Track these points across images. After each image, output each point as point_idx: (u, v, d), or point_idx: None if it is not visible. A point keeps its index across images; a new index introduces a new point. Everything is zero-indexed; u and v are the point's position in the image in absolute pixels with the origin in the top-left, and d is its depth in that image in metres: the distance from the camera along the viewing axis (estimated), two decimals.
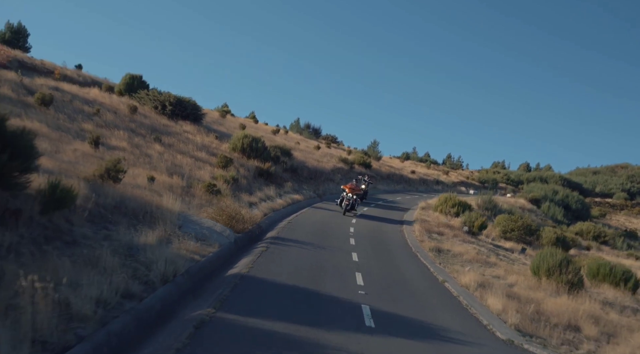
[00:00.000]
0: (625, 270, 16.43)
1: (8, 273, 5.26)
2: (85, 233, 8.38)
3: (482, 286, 11.23)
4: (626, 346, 8.84)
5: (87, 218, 9.06)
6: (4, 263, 5.60)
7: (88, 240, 7.94)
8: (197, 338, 5.42)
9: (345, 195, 21.53)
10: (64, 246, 7.33)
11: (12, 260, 5.79)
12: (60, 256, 6.46)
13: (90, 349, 4.75)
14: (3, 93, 19.72)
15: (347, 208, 21.17)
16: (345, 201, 21.33)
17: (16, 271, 5.41)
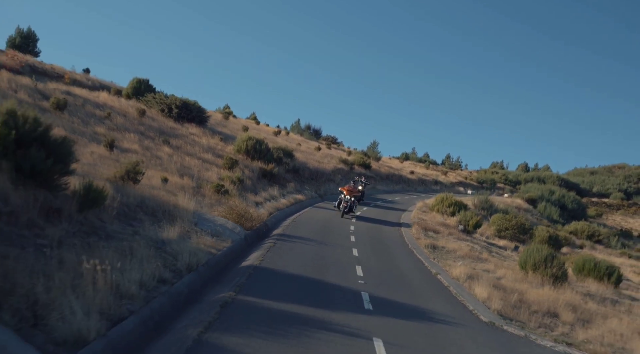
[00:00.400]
0: (609, 266, 17.53)
1: (67, 260, 6.33)
2: (115, 229, 9.45)
3: (471, 278, 12.32)
4: (597, 329, 9.91)
5: (115, 216, 10.11)
6: (61, 252, 6.67)
7: (120, 235, 9.01)
8: (223, 314, 6.49)
9: (343, 197, 21.51)
10: (101, 239, 8.40)
11: (66, 250, 6.86)
12: (103, 247, 7.54)
13: (140, 321, 5.83)
14: (20, 99, 20.76)
15: (345, 210, 21.17)
16: (343, 203, 21.30)
17: (73, 259, 6.50)
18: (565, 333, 9.42)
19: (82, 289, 5.67)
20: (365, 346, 6.36)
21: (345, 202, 21.22)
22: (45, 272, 5.80)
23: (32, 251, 6.50)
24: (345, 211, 21.23)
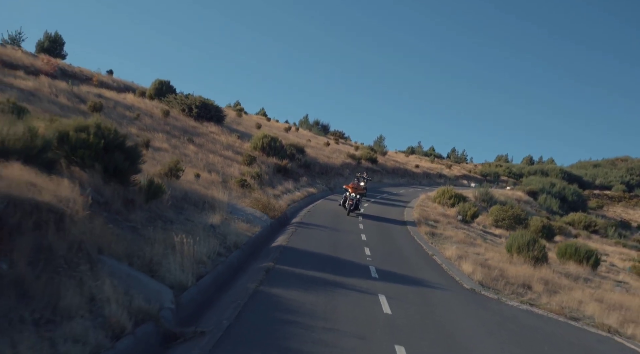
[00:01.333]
0: (588, 250, 19.84)
1: (157, 236, 8.78)
2: (171, 216, 11.89)
3: (461, 258, 14.73)
4: (561, 297, 12.29)
5: (169, 206, 12.56)
6: (147, 231, 9.12)
7: (177, 220, 11.46)
8: (268, 276, 8.92)
9: (348, 194, 21.42)
10: (166, 223, 10.84)
11: (150, 229, 9.30)
12: (172, 229, 9.98)
13: (213, 279, 8.29)
14: (62, 103, 23.26)
15: (350, 208, 21.11)
16: (348, 201, 21.22)
17: (159, 235, 8.94)
18: (533, 298, 11.81)
19: (175, 255, 8.11)
20: (372, 298, 8.78)
21: (350, 200, 21.19)
22: (146, 243, 8.26)
23: (129, 231, 8.95)
24: (351, 209, 21.23)
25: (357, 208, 21.73)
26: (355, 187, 21.69)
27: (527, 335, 8.49)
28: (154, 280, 6.87)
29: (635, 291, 15.96)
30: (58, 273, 5.93)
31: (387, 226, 20.22)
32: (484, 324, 8.66)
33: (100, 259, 6.62)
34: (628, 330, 10.28)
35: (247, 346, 5.59)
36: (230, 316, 6.46)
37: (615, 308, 11.98)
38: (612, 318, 10.85)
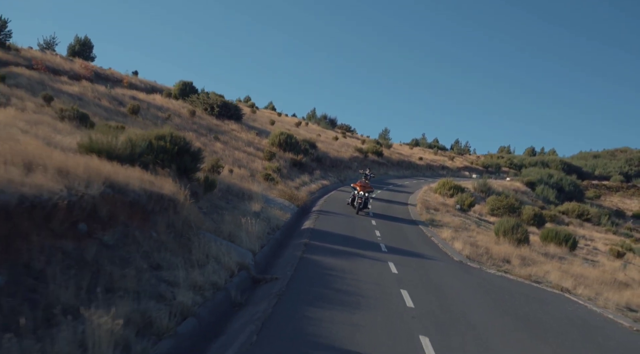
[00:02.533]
0: (567, 234, 23.06)
1: (225, 218, 12.08)
2: (222, 204, 15.19)
3: (455, 238, 18.01)
4: (532, 269, 15.54)
5: (218, 197, 15.87)
6: (215, 215, 12.41)
7: (229, 208, 14.75)
8: (307, 248, 12.21)
9: (356, 193, 21.38)
10: (222, 210, 14.13)
11: (215, 214, 12.59)
12: (231, 213, 13.27)
13: (270, 248, 11.62)
14: (105, 106, 26.55)
15: (359, 206, 21.11)
16: (357, 199, 21.19)
17: (227, 217, 12.23)
18: (508, 268, 15.08)
19: (242, 231, 11.42)
20: (383, 264, 12.06)
21: (359, 198, 21.17)
22: (221, 223, 11.55)
23: (203, 214, 12.24)
24: (360, 208, 21.17)
25: (365, 206, 21.82)
26: (363, 186, 21.64)
27: (495, 290, 11.76)
28: (238, 246, 10.18)
29: (599, 267, 19.19)
30: (181, 239, 9.24)
31: (393, 214, 23.47)
32: (464, 282, 11.94)
33: (201, 232, 9.93)
34: (578, 290, 13.55)
35: (305, 285, 8.87)
36: (289, 270, 9.76)
37: (575, 276, 15.23)
38: (568, 282, 14.12)
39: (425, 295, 9.72)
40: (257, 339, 5.87)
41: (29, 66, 28.58)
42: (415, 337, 7.04)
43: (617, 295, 13.72)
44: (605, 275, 16.98)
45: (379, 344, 6.47)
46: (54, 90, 25.14)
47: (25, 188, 6.17)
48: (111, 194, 8.04)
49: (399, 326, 7.47)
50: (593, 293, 13.52)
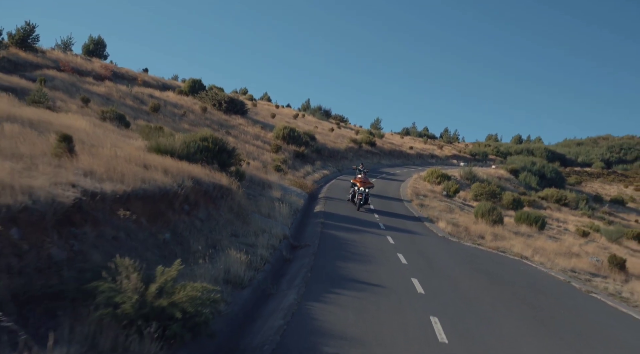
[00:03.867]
0: (537, 216, 26.97)
1: (259, 201, 15.72)
2: (251, 192, 18.81)
3: (439, 219, 21.79)
4: (501, 242, 19.35)
5: (246, 186, 19.47)
6: (252, 201, 16.03)
7: (256, 195, 18.36)
8: (323, 226, 15.90)
9: (357, 189, 21.42)
10: (254, 197, 17.75)
11: (250, 197, 16.20)
12: (260, 199, 16.89)
13: (296, 225, 15.29)
14: (130, 104, 29.90)
15: (360, 202, 21.10)
16: (358, 195, 21.14)
17: (261, 200, 15.88)
18: (482, 242, 18.89)
19: (276, 212, 15.06)
20: (383, 238, 15.78)
21: (360, 194, 21.12)
22: (259, 206, 15.19)
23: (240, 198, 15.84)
24: (361, 204, 21.21)
25: (366, 202, 21.69)
26: (363, 181, 21.51)
27: (467, 255, 15.54)
28: (276, 222, 13.86)
29: (561, 243, 23.08)
30: (240, 217, 12.89)
31: (388, 199, 27.22)
32: (445, 250, 15.72)
33: (251, 213, 13.58)
34: (535, 258, 17.38)
35: (329, 249, 12.54)
36: (316, 240, 13.43)
37: (535, 248, 19.06)
38: (528, 252, 17.96)
39: (415, 257, 13.47)
40: (310, 275, 9.54)
41: (57, 68, 31.77)
42: (408, 279, 10.76)
43: (566, 262, 17.59)
44: (562, 248, 20.87)
45: (384, 281, 10.18)
46: (85, 91, 28.46)
47: (157, 182, 9.78)
48: (196, 186, 11.66)
49: (397, 273, 11.21)
50: (546, 259, 17.36)
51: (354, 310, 7.76)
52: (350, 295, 8.57)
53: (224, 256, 8.42)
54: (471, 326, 8.04)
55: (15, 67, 29.76)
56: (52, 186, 6.94)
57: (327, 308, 7.60)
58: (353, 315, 7.49)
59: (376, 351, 6.13)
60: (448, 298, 9.68)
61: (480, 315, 8.87)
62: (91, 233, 7.00)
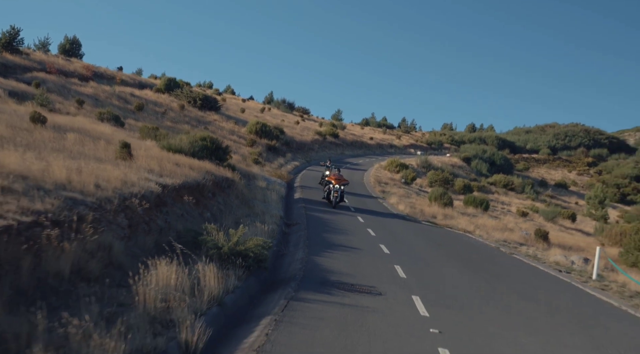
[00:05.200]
0: (482, 199, 31.50)
1: (252, 191, 19.35)
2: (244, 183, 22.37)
3: (399, 203, 25.91)
4: (450, 221, 23.58)
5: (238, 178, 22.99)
6: (248, 189, 19.63)
7: (247, 185, 21.92)
8: (305, 208, 19.67)
9: (332, 187, 21.52)
10: (247, 186, 21.30)
11: (244, 185, 19.78)
12: (253, 188, 20.50)
13: (285, 208, 19.03)
14: (116, 104, 32.72)
15: (336, 200, 21.33)
16: (333, 193, 21.31)
17: (256, 190, 19.52)
18: (434, 221, 23.06)
19: (269, 198, 18.73)
20: (354, 218, 19.67)
21: (335, 192, 21.30)
22: (254, 193, 18.81)
23: (242, 188, 19.41)
24: (337, 202, 21.42)
25: (342, 199, 21.93)
26: (338, 179, 21.71)
27: (422, 230, 19.60)
28: (271, 206, 17.55)
29: (500, 221, 27.59)
30: (244, 202, 16.51)
31: (354, 186, 31.20)
32: (404, 226, 19.75)
33: (251, 199, 17.21)
34: (476, 232, 21.65)
35: (315, 226, 16.30)
36: (304, 220, 17.18)
37: (477, 225, 23.36)
38: (471, 228, 22.23)
39: (381, 231, 17.43)
40: (308, 242, 13.30)
41: (44, 70, 34.22)
42: (377, 245, 14.65)
43: (501, 235, 21.94)
44: (500, 225, 25.32)
45: (361, 246, 14.03)
46: (75, 93, 31.18)
47: (192, 177, 13.35)
48: (212, 178, 15.22)
49: (369, 241, 15.11)
50: (485, 233, 21.67)
51: (343, 261, 11.59)
52: (339, 253, 12.41)
53: (252, 227, 12.06)
54: (421, 270, 12.01)
55: (6, 70, 32.13)
56: (142, 181, 10.47)
57: (325, 260, 11.39)
58: (343, 263, 11.33)
59: (361, 280, 9.94)
60: (406, 255, 13.64)
61: (428, 264, 12.87)
62: (170, 211, 10.59)
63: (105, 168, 10.31)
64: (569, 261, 16.91)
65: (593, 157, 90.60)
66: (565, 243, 23.73)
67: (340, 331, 6.66)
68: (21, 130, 13.14)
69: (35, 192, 7.15)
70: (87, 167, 9.74)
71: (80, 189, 8.16)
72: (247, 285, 8.33)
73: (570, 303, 11.16)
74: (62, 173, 8.49)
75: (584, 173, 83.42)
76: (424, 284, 10.44)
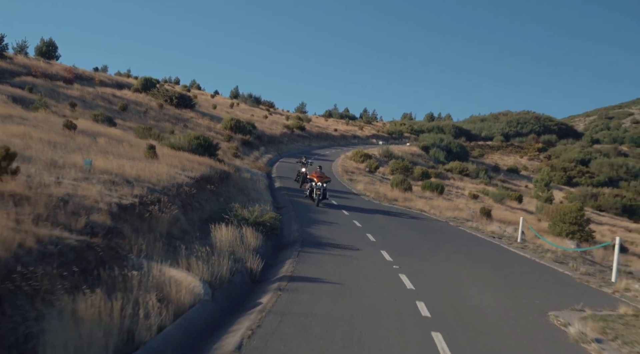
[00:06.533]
0: (438, 184, 35.94)
1: (244, 182, 23.05)
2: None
3: (365, 189, 30.01)
4: (410, 203, 27.80)
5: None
6: (240, 180, 23.29)
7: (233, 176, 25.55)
8: (288, 195, 23.48)
9: (314, 184, 21.82)
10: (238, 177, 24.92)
11: (237, 174, 23.42)
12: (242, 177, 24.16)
13: (271, 194, 22.82)
14: (101, 105, 35.62)
15: (319, 198, 21.49)
16: (316, 191, 21.54)
17: (245, 180, 23.22)
18: (395, 203, 27.23)
19: (258, 187, 22.45)
20: (330, 202, 23.60)
21: (318, 190, 21.54)
22: (245, 183, 22.51)
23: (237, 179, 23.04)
24: (320, 199, 21.54)
25: (325, 197, 22.18)
26: (320, 176, 22.10)
27: (386, 210, 23.69)
28: (261, 194, 21.27)
29: (452, 202, 32.01)
30: (240, 190, 20.21)
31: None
32: (370, 207, 23.81)
33: (245, 188, 20.92)
34: (430, 211, 25.93)
35: (299, 208, 20.13)
36: (289, 204, 21.01)
37: (432, 206, 27.66)
38: (427, 208, 26.51)
39: (353, 211, 21.42)
40: (298, 219, 17.13)
41: (30, 73, 36.72)
42: (351, 221, 18.59)
43: (451, 213, 26.28)
44: (452, 205, 29.73)
45: (337, 221, 17.95)
46: (64, 96, 33.99)
47: (203, 170, 17.02)
48: (215, 171, 18.87)
49: (343, 218, 19.08)
50: (438, 212, 25.96)
51: (328, 231, 15.51)
52: (323, 226, 16.34)
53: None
54: (386, 236, 16.05)
55: None
56: (177, 175, 14.12)
57: (314, 230, 15.28)
58: (328, 232, 15.25)
59: (343, 242, 13.83)
60: (374, 228, 17.65)
61: (392, 233, 16.95)
62: (198, 196, 14.27)
63: (150, 165, 13.90)
64: (502, 231, 21.31)
65: (543, 143, 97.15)
66: (506, 219, 28.29)
67: (336, 266, 10.60)
68: (63, 136, 16.50)
69: (126, 183, 10.78)
70: (138, 164, 13.32)
71: (149, 181, 11.80)
72: (267, 244, 12.16)
73: (493, 256, 15.44)
74: (132, 170, 12.11)
75: (534, 158, 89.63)
76: (389, 244, 14.47)
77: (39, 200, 7.58)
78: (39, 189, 8.10)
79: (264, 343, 5.94)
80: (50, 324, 4.75)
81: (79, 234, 7.15)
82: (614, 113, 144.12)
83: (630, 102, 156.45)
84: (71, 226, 7.30)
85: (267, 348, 5.82)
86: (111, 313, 5.31)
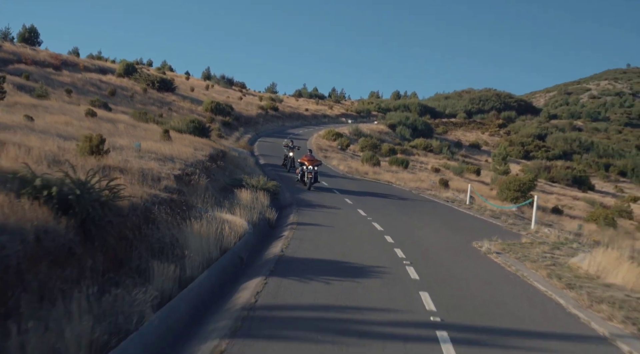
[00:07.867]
0: (403, 159, 40.37)
1: (236, 159, 26.92)
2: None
3: (338, 165, 34.19)
4: (378, 176, 32.08)
5: None
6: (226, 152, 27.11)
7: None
8: (275, 170, 27.46)
9: (305, 168, 22.19)
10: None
11: (232, 153, 27.22)
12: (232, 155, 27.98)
13: (262, 170, 26.77)
14: (92, 90, 38.63)
15: (311, 181, 21.83)
16: (307, 174, 21.89)
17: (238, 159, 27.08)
18: (366, 177, 31.48)
19: (248, 163, 26.33)
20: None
21: (309, 173, 21.85)
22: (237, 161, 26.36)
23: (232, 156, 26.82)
24: (312, 183, 21.85)
25: (316, 180, 22.52)
26: (310, 159, 22.54)
27: (359, 182, 27.88)
28: (253, 169, 25.17)
29: (415, 175, 36.47)
30: (236, 166, 24.09)
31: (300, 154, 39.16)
32: (345, 179, 27.99)
33: (239, 164, 24.79)
34: (396, 182, 30.27)
35: (287, 181, 24.10)
36: (277, 177, 24.96)
37: (398, 178, 32.00)
38: (393, 179, 30.84)
39: (331, 182, 25.54)
40: (293, 197, 21.13)
41: (21, 61, 39.32)
42: (332, 190, 22.69)
43: (414, 184, 30.69)
44: (415, 178, 34.17)
45: (319, 191, 22.03)
46: (58, 82, 36.90)
47: (210, 150, 20.87)
48: (216, 150, 22.68)
49: (325, 187, 23.15)
50: (402, 183, 30.33)
51: (314, 198, 19.59)
52: (309, 193, 20.40)
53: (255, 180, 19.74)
54: (361, 200, 20.24)
55: None
56: (195, 153, 17.95)
57: (303, 197, 19.33)
58: (314, 198, 19.33)
59: (327, 204, 17.93)
60: (351, 194, 21.82)
61: (365, 198, 21.17)
62: (212, 170, 18.14)
63: (173, 146, 17.68)
64: (455, 196, 25.81)
65: (503, 119, 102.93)
66: (462, 188, 32.82)
67: (327, 217, 14.78)
68: (91, 122, 20.03)
69: (169, 160, 14.62)
70: (165, 146, 17.09)
71: (181, 158, 15.65)
72: (273, 204, 16.22)
73: (443, 213, 19.86)
74: (166, 150, 15.91)
75: (495, 134, 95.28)
76: (363, 205, 18.68)
77: (130, 171, 11.42)
78: (127, 164, 11.92)
79: (294, 250, 10.11)
80: (184, 234, 8.73)
81: (163, 192, 11.06)
82: (572, 88, 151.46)
83: (588, 78, 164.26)
84: (156, 187, 11.19)
85: (296, 253, 9.97)
86: (208, 233, 9.30)
